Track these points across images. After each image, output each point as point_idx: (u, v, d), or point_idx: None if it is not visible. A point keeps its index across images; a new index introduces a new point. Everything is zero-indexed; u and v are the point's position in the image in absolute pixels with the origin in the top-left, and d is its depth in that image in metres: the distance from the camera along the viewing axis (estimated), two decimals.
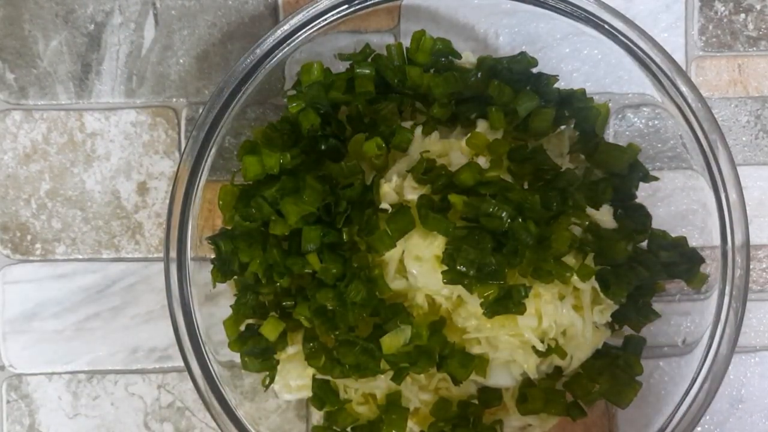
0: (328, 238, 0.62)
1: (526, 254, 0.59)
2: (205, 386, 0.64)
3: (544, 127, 0.65)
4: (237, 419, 0.64)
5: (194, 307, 0.64)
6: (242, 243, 0.64)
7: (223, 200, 0.66)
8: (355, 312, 0.61)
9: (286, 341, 0.66)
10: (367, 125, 0.64)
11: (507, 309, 0.59)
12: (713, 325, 0.64)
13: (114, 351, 0.77)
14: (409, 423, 0.66)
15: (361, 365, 0.62)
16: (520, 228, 0.59)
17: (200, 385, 0.64)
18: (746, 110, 0.78)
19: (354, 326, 0.62)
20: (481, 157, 0.64)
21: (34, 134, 0.77)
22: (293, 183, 0.63)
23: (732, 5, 0.78)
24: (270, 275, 0.64)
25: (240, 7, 0.77)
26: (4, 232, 0.77)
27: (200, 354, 0.64)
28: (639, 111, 0.74)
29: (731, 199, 0.64)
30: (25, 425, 0.77)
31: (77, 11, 0.77)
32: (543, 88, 0.67)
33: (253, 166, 0.64)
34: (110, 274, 0.77)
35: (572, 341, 0.64)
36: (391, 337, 0.60)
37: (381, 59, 0.67)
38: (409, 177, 0.63)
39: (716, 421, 0.78)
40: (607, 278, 0.63)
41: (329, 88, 0.66)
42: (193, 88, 0.77)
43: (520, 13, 0.74)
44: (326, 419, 0.68)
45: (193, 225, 0.64)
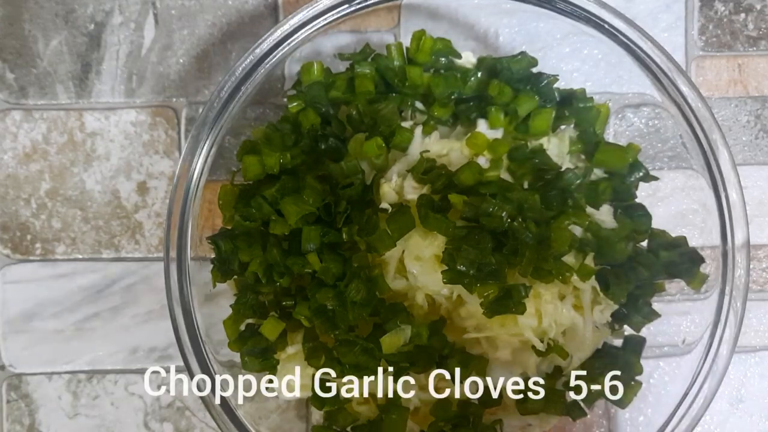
0: (328, 238, 0.62)
1: (526, 254, 0.59)
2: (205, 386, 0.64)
3: (544, 127, 0.65)
4: (237, 419, 0.64)
5: (194, 307, 0.64)
6: (242, 243, 0.64)
7: (223, 200, 0.66)
8: (355, 312, 0.61)
9: (286, 341, 0.66)
10: (367, 125, 0.64)
11: (507, 309, 0.59)
12: (713, 325, 0.64)
13: (114, 351, 0.77)
14: (409, 423, 0.66)
15: (361, 365, 0.62)
16: (520, 228, 0.59)
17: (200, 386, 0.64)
18: (746, 110, 0.78)
19: (354, 326, 0.62)
20: (481, 157, 0.64)
21: (34, 134, 0.77)
22: (293, 183, 0.63)
23: (732, 5, 0.78)
24: (270, 275, 0.64)
25: (240, 7, 0.77)
26: (4, 231, 0.77)
27: (200, 354, 0.64)
28: (639, 111, 0.74)
29: (731, 199, 0.64)
30: (25, 425, 0.77)
31: (77, 11, 0.77)
32: (543, 87, 0.67)
33: (253, 166, 0.64)
34: (110, 274, 0.77)
35: (572, 341, 0.64)
36: (391, 337, 0.60)
37: (381, 59, 0.67)
38: (409, 177, 0.63)
39: (716, 421, 0.78)
40: (607, 278, 0.63)
41: (329, 88, 0.66)
42: (193, 88, 0.77)
43: (520, 13, 0.74)
44: (326, 419, 0.68)
45: (193, 225, 0.64)
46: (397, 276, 0.63)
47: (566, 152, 0.68)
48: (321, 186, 0.62)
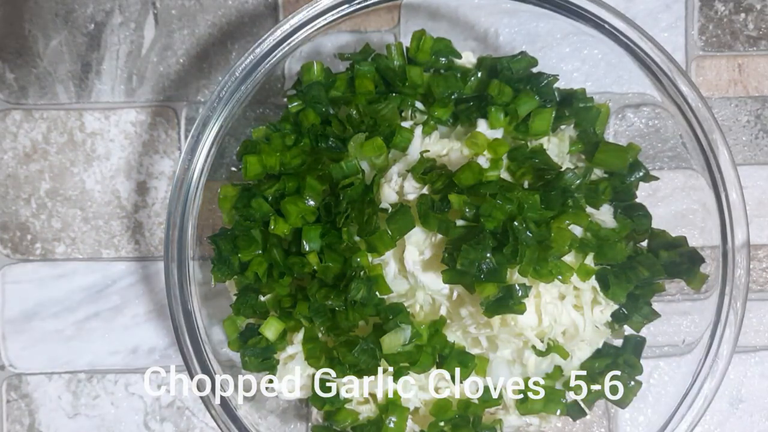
0: (328, 238, 0.62)
1: (526, 254, 0.59)
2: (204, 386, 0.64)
3: (544, 127, 0.65)
4: (237, 419, 0.64)
5: (194, 307, 0.64)
6: (242, 243, 0.64)
7: (223, 200, 0.66)
8: (355, 311, 0.61)
9: (286, 341, 0.66)
10: (367, 125, 0.64)
11: (507, 309, 0.59)
12: (713, 324, 0.64)
13: (114, 351, 0.77)
14: (409, 423, 0.66)
15: (361, 365, 0.62)
16: (520, 228, 0.59)
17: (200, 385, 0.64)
18: (746, 110, 0.78)
19: (354, 326, 0.62)
20: (481, 157, 0.64)
21: (34, 134, 0.77)
22: (293, 183, 0.63)
23: (732, 5, 0.78)
24: (270, 275, 0.64)
25: (240, 7, 0.77)
26: (4, 231, 0.77)
27: (200, 354, 0.64)
28: (639, 111, 0.74)
29: (731, 199, 0.64)
30: (25, 425, 0.77)
31: (77, 11, 0.77)
32: (543, 88, 0.67)
33: (253, 166, 0.64)
34: (110, 273, 0.77)
35: (572, 341, 0.64)
36: (391, 337, 0.60)
37: (381, 59, 0.67)
38: (409, 177, 0.63)
39: (716, 421, 0.78)
40: (607, 278, 0.63)
41: (329, 88, 0.66)
42: (193, 88, 0.77)
43: (520, 13, 0.74)
44: (326, 419, 0.68)
45: (193, 225, 0.64)
46: (397, 276, 0.63)
47: (566, 152, 0.68)
48: (321, 186, 0.62)
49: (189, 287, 0.64)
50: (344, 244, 0.62)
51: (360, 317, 0.61)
